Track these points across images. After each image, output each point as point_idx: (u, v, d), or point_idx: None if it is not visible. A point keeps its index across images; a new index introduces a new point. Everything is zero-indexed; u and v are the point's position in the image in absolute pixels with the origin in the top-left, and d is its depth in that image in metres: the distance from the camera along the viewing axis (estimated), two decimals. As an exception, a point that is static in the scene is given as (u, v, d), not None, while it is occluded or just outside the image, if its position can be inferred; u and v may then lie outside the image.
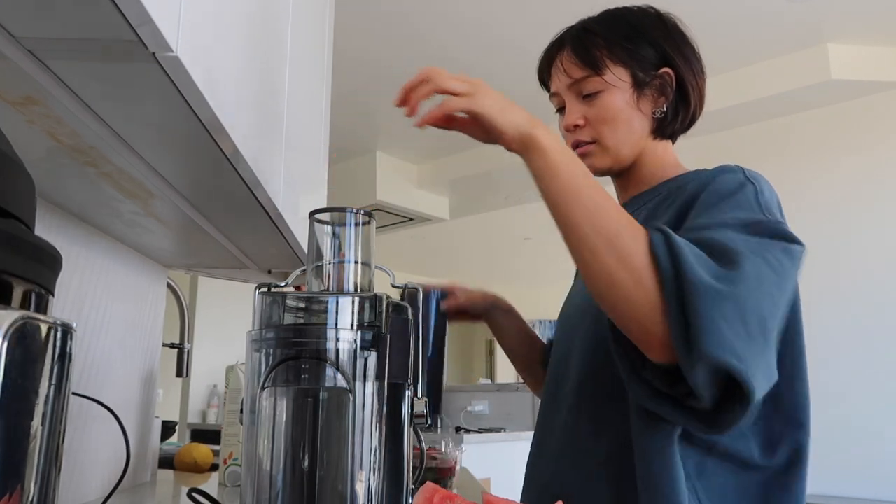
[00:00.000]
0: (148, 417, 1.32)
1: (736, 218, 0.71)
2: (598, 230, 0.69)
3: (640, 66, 0.88)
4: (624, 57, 0.88)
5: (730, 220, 0.71)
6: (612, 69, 0.87)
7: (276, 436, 0.59)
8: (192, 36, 0.53)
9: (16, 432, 0.34)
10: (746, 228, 0.70)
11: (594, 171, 0.90)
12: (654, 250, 0.66)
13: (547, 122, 0.78)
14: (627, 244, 0.67)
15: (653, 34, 0.89)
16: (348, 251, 0.67)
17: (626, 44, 0.88)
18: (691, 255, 0.65)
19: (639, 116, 0.89)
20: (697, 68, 0.91)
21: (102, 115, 0.62)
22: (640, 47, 0.88)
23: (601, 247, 0.68)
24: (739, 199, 0.74)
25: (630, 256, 0.67)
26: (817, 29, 3.07)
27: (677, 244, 0.66)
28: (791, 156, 3.43)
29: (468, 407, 4.01)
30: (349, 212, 0.68)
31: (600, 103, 0.88)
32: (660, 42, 0.89)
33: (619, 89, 0.87)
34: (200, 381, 4.76)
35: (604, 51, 0.88)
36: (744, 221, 0.71)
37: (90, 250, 1.05)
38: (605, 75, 0.87)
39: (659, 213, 0.85)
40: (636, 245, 0.67)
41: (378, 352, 0.60)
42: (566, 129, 0.91)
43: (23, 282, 0.37)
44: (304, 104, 1.17)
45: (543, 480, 0.89)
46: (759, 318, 0.64)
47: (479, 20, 2.98)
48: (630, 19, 0.91)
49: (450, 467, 1.36)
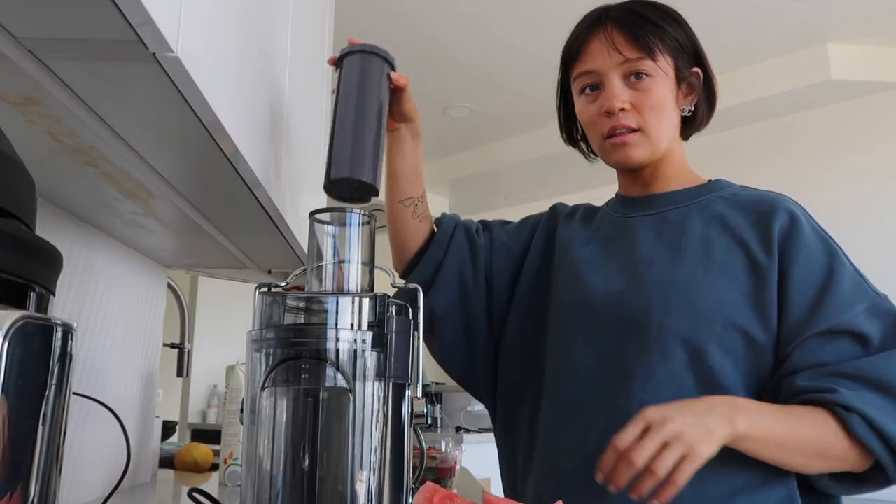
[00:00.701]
0: (148, 417, 1.32)
1: (863, 310, 0.79)
2: (813, 461, 0.76)
3: (682, 61, 0.87)
4: (672, 46, 0.86)
5: (861, 315, 0.78)
6: (665, 58, 0.86)
7: (276, 436, 0.59)
8: (192, 36, 0.53)
9: (16, 432, 0.34)
10: (878, 319, 0.79)
11: (630, 163, 0.87)
12: (863, 439, 0.73)
13: (547, 121, 0.78)
14: (838, 453, 0.75)
15: (689, 31, 0.89)
16: (348, 251, 0.67)
17: (674, 33, 0.87)
18: (891, 424, 0.73)
19: (676, 111, 0.88)
20: (713, 75, 0.92)
21: (102, 115, 0.62)
22: (683, 39, 0.88)
23: (817, 466, 0.77)
24: (842, 274, 0.80)
25: (843, 459, 0.75)
26: (818, 29, 3.07)
27: (880, 425, 0.72)
28: (791, 155, 3.43)
29: (468, 407, 4.01)
30: (349, 212, 0.68)
31: (650, 89, 0.85)
32: (694, 40, 0.89)
33: (667, 78, 0.86)
34: (200, 381, 4.75)
35: (655, 37, 0.85)
36: (869, 310, 0.79)
37: (90, 250, 1.05)
38: (657, 61, 0.85)
39: (733, 225, 0.85)
40: (844, 448, 0.74)
41: (378, 352, 0.60)
42: (608, 112, 0.85)
43: (23, 282, 0.37)
44: (305, 104, 1.17)
45: None
46: None
47: (479, 20, 2.98)
48: (671, 12, 0.89)
49: (450, 467, 1.37)
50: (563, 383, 0.87)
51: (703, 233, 0.85)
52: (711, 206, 0.88)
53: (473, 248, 1.00)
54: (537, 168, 4.29)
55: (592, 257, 0.92)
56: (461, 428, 3.62)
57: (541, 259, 0.99)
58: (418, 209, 0.97)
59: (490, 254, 1.01)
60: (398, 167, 0.95)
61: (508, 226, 1.06)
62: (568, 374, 0.87)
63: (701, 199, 0.89)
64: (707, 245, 0.84)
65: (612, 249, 0.91)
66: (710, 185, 0.91)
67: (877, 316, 0.78)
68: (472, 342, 1.00)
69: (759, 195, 0.88)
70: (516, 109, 3.82)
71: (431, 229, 1.01)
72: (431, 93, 3.57)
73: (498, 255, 1.01)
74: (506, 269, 1.00)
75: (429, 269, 0.97)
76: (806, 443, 0.75)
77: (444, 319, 0.98)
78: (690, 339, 0.79)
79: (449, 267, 0.98)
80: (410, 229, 0.98)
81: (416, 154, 0.96)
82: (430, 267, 0.98)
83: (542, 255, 0.99)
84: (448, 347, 1.00)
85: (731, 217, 0.86)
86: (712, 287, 0.80)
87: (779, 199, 0.86)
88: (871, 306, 0.78)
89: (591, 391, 0.84)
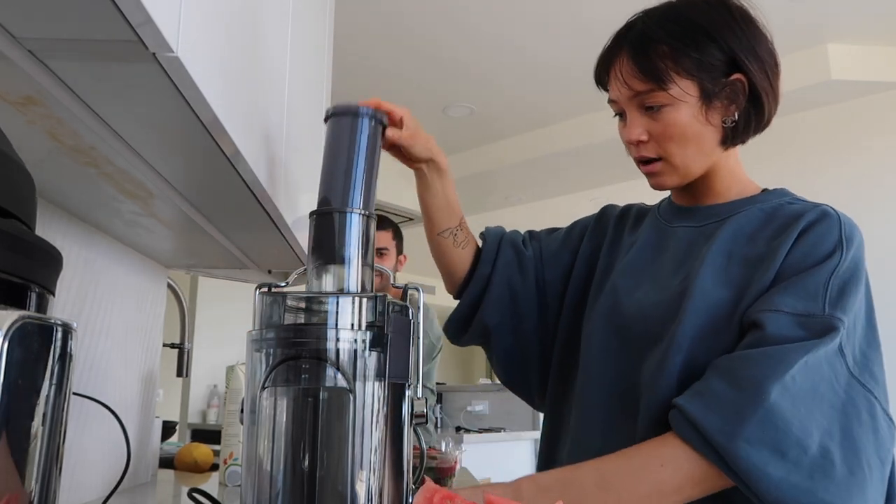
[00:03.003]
0: (148, 417, 1.32)
1: (795, 307, 0.73)
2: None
3: (710, 76, 0.79)
4: (691, 68, 0.79)
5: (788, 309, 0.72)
6: (679, 82, 0.79)
7: (276, 436, 0.59)
8: (193, 36, 0.53)
9: (16, 432, 0.34)
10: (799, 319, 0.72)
11: (665, 188, 0.87)
12: (680, 433, 0.69)
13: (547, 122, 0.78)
14: (677, 480, 0.70)
15: (722, 34, 0.80)
16: (349, 251, 0.67)
17: (693, 52, 0.79)
18: (709, 415, 0.68)
19: (709, 130, 0.81)
20: (771, 64, 0.83)
21: (102, 115, 0.62)
22: (708, 54, 0.79)
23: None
24: (815, 276, 0.74)
25: (690, 481, 0.70)
26: (817, 29, 3.07)
27: (692, 415, 0.69)
28: (791, 155, 3.43)
29: (468, 407, 4.01)
30: (349, 212, 0.68)
31: (666, 119, 0.80)
32: (730, 43, 0.80)
33: (686, 104, 0.79)
34: (200, 381, 4.76)
35: (668, 62, 0.79)
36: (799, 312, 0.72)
37: (90, 250, 1.05)
38: (670, 90, 0.79)
39: (759, 238, 0.81)
40: (683, 470, 0.69)
41: (378, 352, 0.60)
42: (628, 143, 0.85)
43: (23, 281, 0.37)
44: (305, 104, 1.17)
45: None
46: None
47: (479, 21, 2.98)
48: (696, 17, 0.81)
49: (450, 467, 1.37)
50: (588, 394, 0.87)
51: (727, 248, 0.81)
52: (745, 219, 0.83)
53: (521, 260, 1.00)
54: (537, 169, 4.29)
55: (628, 267, 0.90)
56: (461, 428, 3.62)
57: (587, 267, 0.98)
58: (458, 238, 0.98)
59: (540, 263, 1.01)
60: (430, 203, 0.96)
61: (556, 233, 1.05)
62: (591, 384, 0.87)
63: (743, 210, 0.84)
64: (728, 259, 0.81)
65: (649, 258, 0.89)
66: (758, 198, 0.86)
67: (801, 327, 0.72)
68: (525, 354, 1.00)
69: (799, 208, 0.82)
70: (516, 110, 3.82)
71: (477, 249, 1.01)
72: (431, 93, 3.57)
73: (548, 265, 1.01)
74: (557, 277, 1.00)
75: (478, 286, 0.98)
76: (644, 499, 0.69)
77: (496, 333, 0.99)
78: (698, 356, 0.76)
79: (497, 282, 0.98)
80: (455, 257, 0.99)
81: (445, 188, 0.96)
82: (479, 284, 0.98)
83: (588, 262, 0.98)
84: (502, 359, 1.01)
85: (760, 231, 0.81)
86: (722, 303, 0.78)
87: (814, 209, 0.80)
88: (807, 316, 0.72)
89: (609, 402, 0.84)
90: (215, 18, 0.62)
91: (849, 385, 0.71)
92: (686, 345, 0.77)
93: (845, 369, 0.72)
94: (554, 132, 3.97)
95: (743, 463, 0.66)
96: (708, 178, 0.87)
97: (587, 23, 2.88)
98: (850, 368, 0.72)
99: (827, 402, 0.69)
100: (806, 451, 0.66)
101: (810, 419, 0.68)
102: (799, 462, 0.66)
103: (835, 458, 0.67)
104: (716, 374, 0.72)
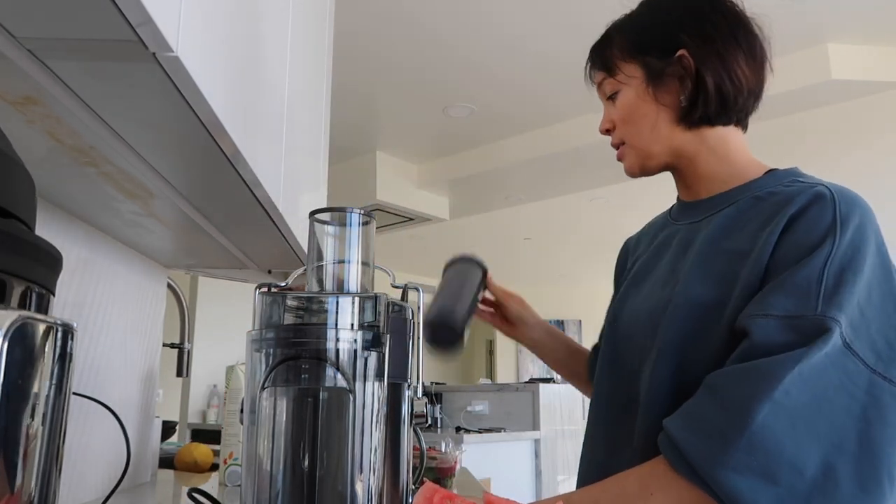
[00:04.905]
0: (148, 417, 1.32)
1: (785, 309, 0.66)
2: None
3: (655, 55, 0.82)
4: (633, 50, 0.84)
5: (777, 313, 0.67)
6: (623, 67, 0.84)
7: (276, 436, 0.59)
8: (192, 36, 0.53)
9: (16, 432, 0.34)
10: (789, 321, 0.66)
11: (633, 175, 0.88)
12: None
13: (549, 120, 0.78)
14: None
15: (670, 15, 0.82)
16: (348, 251, 0.67)
17: (637, 35, 0.84)
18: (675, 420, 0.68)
19: (661, 109, 0.82)
20: (730, 42, 0.80)
21: (102, 115, 0.62)
22: (651, 35, 0.83)
23: None
24: (805, 270, 0.68)
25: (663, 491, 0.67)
26: (817, 29, 3.07)
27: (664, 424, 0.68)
28: (791, 155, 3.44)
29: (468, 407, 4.01)
30: (349, 212, 0.68)
31: (618, 104, 0.85)
32: (676, 22, 0.81)
33: (631, 85, 0.84)
34: (200, 381, 4.76)
35: (615, 49, 0.85)
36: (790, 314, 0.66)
37: (90, 250, 1.05)
38: (616, 76, 0.85)
39: (743, 229, 0.76)
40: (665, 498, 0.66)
41: (378, 352, 0.60)
42: (603, 135, 0.90)
43: (23, 282, 0.37)
44: (305, 104, 1.17)
45: None
46: None
47: (481, 15, 2.97)
48: (652, 2, 0.86)
49: (450, 467, 1.37)
50: (594, 409, 0.89)
51: (713, 243, 0.77)
52: (734, 209, 0.79)
53: None
54: (538, 168, 4.29)
55: (636, 275, 0.90)
56: (461, 428, 3.62)
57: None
58: (574, 357, 1.08)
59: None
60: (551, 358, 1.09)
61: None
62: (597, 399, 0.88)
63: (739, 199, 0.79)
64: (715, 255, 0.76)
65: (652, 263, 0.88)
66: (756, 183, 0.80)
67: (791, 331, 0.65)
68: None
69: (792, 191, 0.75)
70: (517, 108, 3.82)
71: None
72: (432, 92, 3.57)
73: None
74: None
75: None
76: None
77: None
78: (691, 365, 0.73)
79: None
80: (580, 360, 1.08)
81: (553, 339, 1.08)
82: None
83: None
84: None
85: (746, 222, 0.76)
86: (708, 304, 0.73)
87: (807, 191, 0.73)
88: (797, 318, 0.65)
89: (609, 417, 0.85)
90: (215, 18, 0.62)
91: (870, 384, 0.63)
92: (672, 354, 0.74)
93: (862, 367, 0.64)
94: (554, 132, 3.97)
95: (729, 492, 0.61)
96: (688, 164, 0.84)
97: (588, 23, 2.88)
98: (870, 364, 0.64)
99: (840, 410, 0.62)
100: (802, 474, 0.60)
101: (810, 435, 0.61)
102: (793, 487, 0.60)
103: (840, 476, 0.61)
104: (705, 391, 0.68)
